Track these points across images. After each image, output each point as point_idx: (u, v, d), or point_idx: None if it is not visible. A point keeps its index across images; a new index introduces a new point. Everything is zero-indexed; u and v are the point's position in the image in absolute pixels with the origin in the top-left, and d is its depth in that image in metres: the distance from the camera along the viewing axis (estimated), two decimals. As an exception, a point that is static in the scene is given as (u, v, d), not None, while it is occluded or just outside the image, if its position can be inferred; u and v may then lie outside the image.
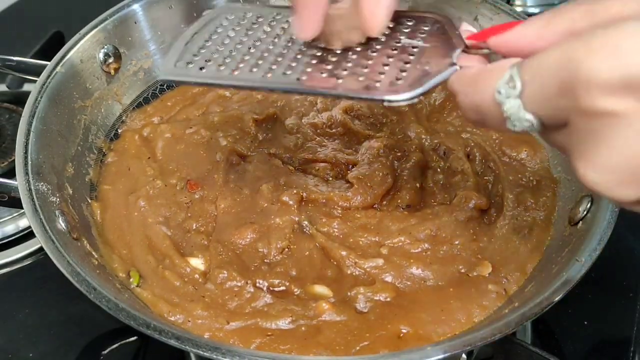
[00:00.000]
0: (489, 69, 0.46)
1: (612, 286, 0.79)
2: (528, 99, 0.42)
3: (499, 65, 0.45)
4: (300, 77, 0.54)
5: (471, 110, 0.47)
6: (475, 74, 0.47)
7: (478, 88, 0.46)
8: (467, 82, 0.47)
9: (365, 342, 0.62)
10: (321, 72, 0.54)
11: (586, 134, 0.40)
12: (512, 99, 0.43)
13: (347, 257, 0.69)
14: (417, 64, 0.52)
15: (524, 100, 0.43)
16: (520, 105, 0.43)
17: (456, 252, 0.69)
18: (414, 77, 0.51)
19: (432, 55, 0.53)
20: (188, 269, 0.69)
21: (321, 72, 0.54)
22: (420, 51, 0.54)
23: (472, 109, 0.47)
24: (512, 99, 0.43)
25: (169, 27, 0.92)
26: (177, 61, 0.58)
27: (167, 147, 0.82)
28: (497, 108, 0.44)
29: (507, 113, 0.44)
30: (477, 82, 0.46)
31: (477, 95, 0.46)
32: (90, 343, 0.76)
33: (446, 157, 0.80)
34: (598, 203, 0.65)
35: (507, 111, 0.43)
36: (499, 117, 0.45)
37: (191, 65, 0.58)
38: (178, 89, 0.92)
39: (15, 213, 0.86)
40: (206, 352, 0.53)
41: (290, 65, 0.56)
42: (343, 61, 0.55)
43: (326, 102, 0.88)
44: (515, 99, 0.43)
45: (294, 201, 0.74)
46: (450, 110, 0.87)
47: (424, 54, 0.53)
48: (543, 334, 0.75)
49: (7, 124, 0.94)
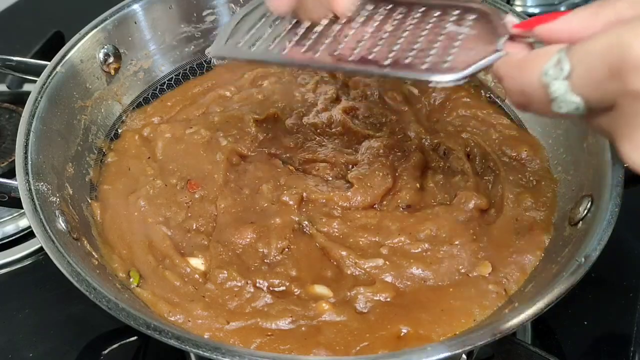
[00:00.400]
0: (536, 53, 0.48)
1: (612, 286, 0.79)
2: (576, 81, 0.44)
3: (546, 50, 0.47)
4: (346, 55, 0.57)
5: (517, 94, 0.49)
6: (522, 58, 0.49)
7: (525, 71, 0.48)
8: (514, 66, 0.49)
9: (365, 342, 0.62)
10: (369, 53, 0.57)
11: (633, 116, 0.42)
12: (560, 80, 0.45)
13: (347, 257, 0.69)
14: (463, 49, 0.55)
15: (572, 82, 0.44)
16: (568, 87, 0.45)
17: (456, 252, 0.69)
18: (461, 60, 0.53)
19: (478, 42, 0.55)
20: (188, 269, 0.69)
21: (369, 52, 0.57)
22: (466, 37, 0.56)
23: (518, 92, 0.49)
24: (559, 81, 0.45)
25: (169, 27, 0.92)
26: (228, 40, 0.62)
27: (167, 147, 0.82)
28: (544, 90, 0.46)
29: (554, 95, 0.46)
30: (525, 65, 0.48)
31: (524, 78, 0.48)
32: (90, 343, 0.76)
33: (446, 157, 0.80)
34: (598, 203, 0.65)
35: (554, 93, 0.46)
36: (545, 99, 0.46)
37: (240, 43, 0.62)
38: (178, 89, 0.92)
39: (15, 213, 0.86)
40: (206, 352, 0.53)
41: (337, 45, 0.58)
42: (391, 42, 0.57)
43: (326, 102, 0.88)
44: (563, 81, 0.45)
45: (294, 201, 0.74)
46: (450, 110, 0.87)
47: (470, 41, 0.55)
48: (543, 334, 0.75)
49: (7, 124, 0.95)
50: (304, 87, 0.91)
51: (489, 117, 0.86)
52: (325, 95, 0.89)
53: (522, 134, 0.83)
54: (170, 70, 0.93)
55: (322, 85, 0.91)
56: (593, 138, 0.72)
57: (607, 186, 0.65)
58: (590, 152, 0.72)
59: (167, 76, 0.93)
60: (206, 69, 0.95)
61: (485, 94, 0.90)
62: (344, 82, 0.92)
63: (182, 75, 0.94)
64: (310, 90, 0.90)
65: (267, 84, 0.92)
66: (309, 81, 0.92)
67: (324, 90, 0.90)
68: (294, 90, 0.91)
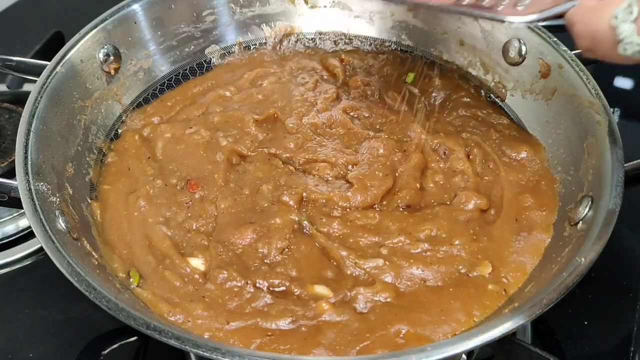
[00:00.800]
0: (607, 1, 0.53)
1: (612, 286, 0.79)
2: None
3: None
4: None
5: (586, 38, 0.55)
6: (594, 5, 0.55)
7: (596, 16, 0.54)
8: (587, 11, 0.55)
9: (365, 342, 0.62)
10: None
11: None
12: (628, 23, 0.51)
13: (347, 257, 0.69)
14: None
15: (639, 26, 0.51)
16: (635, 29, 0.51)
17: (456, 252, 0.69)
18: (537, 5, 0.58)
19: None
20: (188, 269, 0.69)
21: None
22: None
23: (587, 36, 0.55)
24: (627, 24, 0.51)
25: (169, 27, 0.92)
26: None
27: (167, 147, 0.82)
28: (612, 32, 0.52)
29: (621, 36, 0.52)
30: (596, 10, 0.54)
31: (595, 22, 0.54)
32: (90, 343, 0.76)
33: (446, 157, 0.80)
34: (598, 203, 0.65)
35: (621, 34, 0.52)
36: (612, 42, 0.53)
37: None
38: (178, 89, 0.92)
39: (15, 213, 0.86)
40: (206, 352, 0.53)
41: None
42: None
43: (326, 102, 0.88)
44: (631, 23, 0.51)
45: (294, 201, 0.74)
46: (450, 110, 0.88)
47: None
48: (543, 334, 0.75)
49: (7, 124, 0.94)
50: (304, 86, 0.91)
51: (489, 117, 0.86)
52: (325, 94, 0.89)
53: (522, 134, 0.83)
54: (170, 70, 0.93)
55: (322, 84, 0.92)
56: (593, 138, 0.72)
57: (607, 186, 0.65)
58: (590, 152, 0.72)
59: (167, 76, 0.93)
60: (206, 69, 0.95)
61: (485, 94, 0.90)
62: (344, 82, 0.92)
63: (182, 75, 0.94)
64: (310, 90, 0.90)
65: (267, 83, 0.92)
66: (308, 80, 0.92)
67: (324, 89, 0.90)
68: (294, 89, 0.91)
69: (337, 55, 0.96)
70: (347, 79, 0.93)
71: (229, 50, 0.97)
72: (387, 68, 0.94)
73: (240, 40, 0.97)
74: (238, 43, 0.97)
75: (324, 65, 0.95)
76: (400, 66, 0.94)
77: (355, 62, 0.95)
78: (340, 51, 0.98)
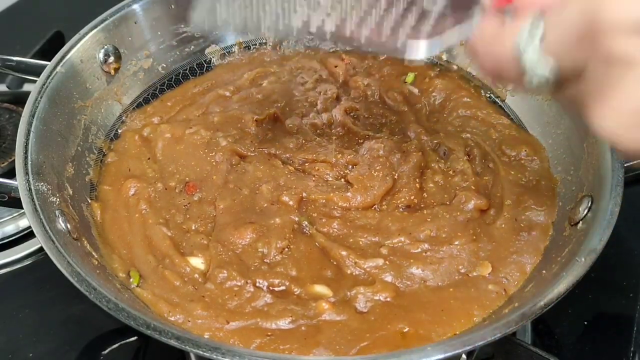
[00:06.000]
0: (509, 23, 0.48)
1: (612, 286, 0.79)
2: (548, 45, 0.45)
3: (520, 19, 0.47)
4: None
5: (492, 70, 0.50)
6: (496, 30, 0.49)
7: (499, 44, 0.48)
8: (488, 41, 0.49)
9: (365, 342, 0.62)
10: None
11: (603, 78, 0.42)
12: (532, 47, 0.45)
13: (347, 257, 0.69)
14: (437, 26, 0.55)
15: (545, 47, 0.45)
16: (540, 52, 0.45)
17: (456, 252, 0.69)
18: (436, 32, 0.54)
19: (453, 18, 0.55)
20: (188, 268, 0.69)
21: None
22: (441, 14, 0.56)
23: (492, 68, 0.49)
24: (531, 48, 0.45)
25: (169, 27, 0.92)
26: None
27: (167, 148, 0.82)
28: (516, 62, 0.46)
29: (526, 65, 0.46)
30: (498, 36, 0.48)
31: (498, 48, 0.48)
32: (90, 343, 0.76)
33: (446, 157, 0.80)
34: (598, 203, 0.65)
35: (526, 62, 0.46)
36: (518, 72, 0.47)
37: None
38: (177, 89, 0.92)
39: (15, 213, 0.86)
40: (206, 352, 0.53)
41: None
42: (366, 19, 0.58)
43: (326, 102, 0.88)
44: (535, 48, 0.45)
45: (293, 201, 0.74)
46: (450, 111, 0.87)
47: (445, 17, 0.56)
48: (543, 334, 0.75)
49: (7, 124, 0.94)
50: (304, 86, 0.91)
51: (489, 117, 0.86)
52: (325, 95, 0.89)
53: (522, 134, 0.83)
54: (170, 71, 0.93)
55: (322, 84, 0.91)
56: (593, 138, 0.72)
57: (607, 186, 0.65)
58: (590, 152, 0.72)
59: (167, 76, 0.93)
60: (206, 69, 0.95)
61: (485, 94, 0.90)
62: (344, 82, 0.92)
63: (181, 75, 0.94)
64: (310, 89, 0.90)
65: (267, 83, 0.92)
66: (308, 80, 0.92)
67: (324, 89, 0.90)
68: (294, 89, 0.91)
69: (337, 55, 0.96)
70: (347, 79, 0.93)
71: (229, 50, 0.97)
72: (387, 68, 0.94)
73: (240, 40, 0.97)
74: (238, 43, 0.97)
75: (324, 65, 0.95)
76: (400, 66, 0.94)
77: (355, 62, 0.95)
78: (340, 51, 0.98)
